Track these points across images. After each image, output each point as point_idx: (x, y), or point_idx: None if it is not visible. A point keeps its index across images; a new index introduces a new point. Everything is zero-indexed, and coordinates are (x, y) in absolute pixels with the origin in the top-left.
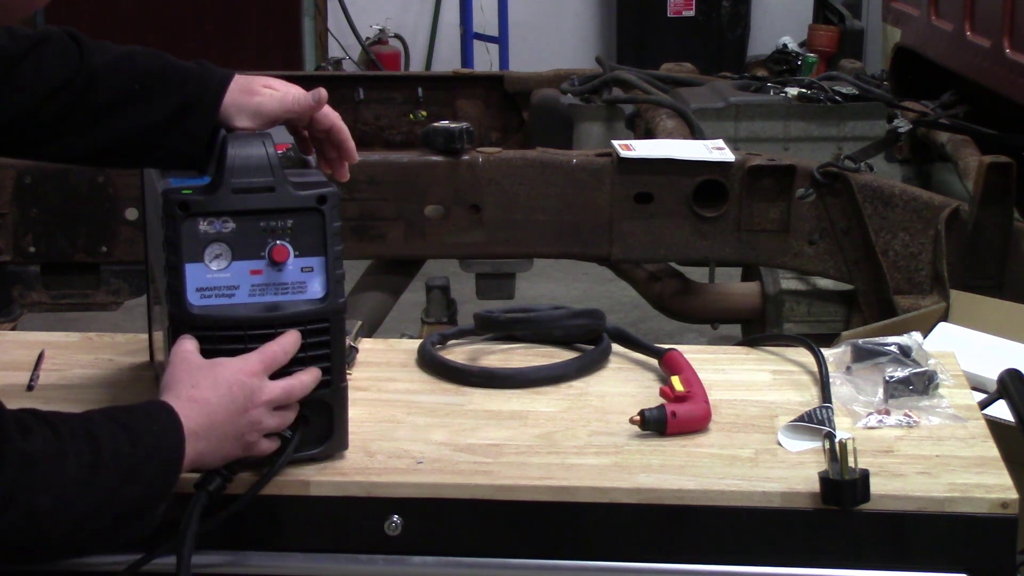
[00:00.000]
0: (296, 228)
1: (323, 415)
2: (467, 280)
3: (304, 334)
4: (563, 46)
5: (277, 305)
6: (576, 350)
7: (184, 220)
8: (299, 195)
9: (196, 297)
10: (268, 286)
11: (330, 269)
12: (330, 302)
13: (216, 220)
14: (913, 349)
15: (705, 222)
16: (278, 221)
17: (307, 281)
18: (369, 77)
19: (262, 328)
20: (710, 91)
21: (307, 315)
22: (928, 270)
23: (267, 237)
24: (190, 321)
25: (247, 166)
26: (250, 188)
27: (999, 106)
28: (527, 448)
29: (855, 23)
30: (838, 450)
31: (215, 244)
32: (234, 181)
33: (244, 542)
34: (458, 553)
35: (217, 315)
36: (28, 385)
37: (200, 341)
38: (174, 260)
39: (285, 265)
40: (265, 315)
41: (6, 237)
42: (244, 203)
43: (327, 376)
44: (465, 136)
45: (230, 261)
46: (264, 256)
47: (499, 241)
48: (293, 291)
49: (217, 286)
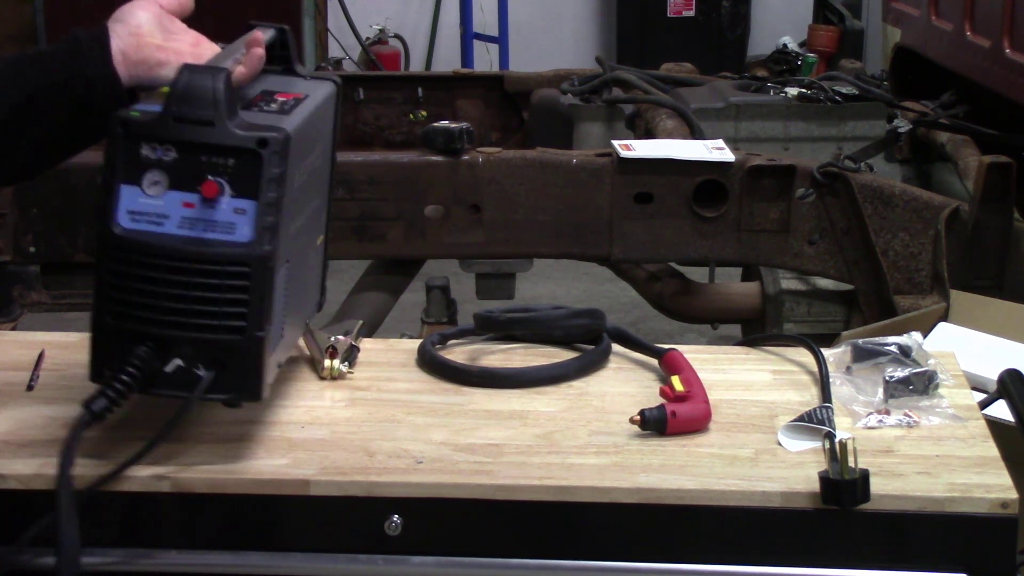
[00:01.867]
0: (236, 168)
1: (238, 361)
2: (467, 280)
3: (222, 275)
4: (563, 46)
5: (202, 241)
6: (576, 350)
7: (124, 139)
8: (238, 134)
9: (127, 219)
10: (198, 221)
11: (260, 215)
12: (254, 248)
13: (159, 147)
14: (913, 349)
15: (705, 222)
16: (219, 159)
17: (237, 223)
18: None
19: (181, 260)
20: (710, 91)
21: (228, 256)
22: (928, 270)
23: (205, 172)
24: (114, 241)
25: (191, 97)
26: (190, 119)
27: (999, 106)
28: (527, 448)
29: (855, 23)
30: (838, 450)
31: (154, 171)
32: (175, 109)
33: (244, 542)
34: (458, 553)
35: (142, 240)
36: (28, 385)
37: (121, 263)
38: (110, 179)
39: (217, 202)
40: (186, 248)
41: (6, 237)
42: (183, 134)
43: (241, 322)
44: (465, 136)
45: (166, 190)
46: (198, 191)
47: (499, 241)
48: (221, 230)
49: (148, 212)
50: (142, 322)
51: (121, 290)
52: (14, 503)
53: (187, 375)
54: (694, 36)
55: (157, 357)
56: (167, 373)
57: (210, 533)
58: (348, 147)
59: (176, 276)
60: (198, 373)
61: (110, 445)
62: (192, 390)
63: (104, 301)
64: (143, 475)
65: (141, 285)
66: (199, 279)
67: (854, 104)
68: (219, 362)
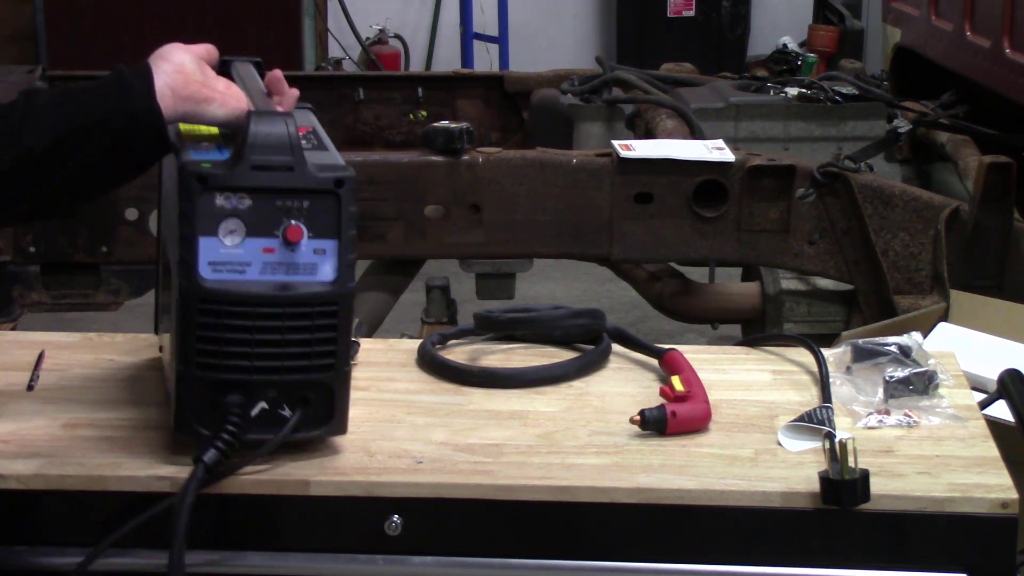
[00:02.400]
0: (312, 210)
1: (324, 397)
2: (467, 280)
3: (312, 316)
4: (563, 46)
5: (288, 285)
6: (576, 350)
7: (201, 193)
8: (317, 176)
9: (208, 271)
10: (280, 265)
11: (342, 253)
12: (340, 286)
13: (233, 196)
14: (913, 349)
15: (705, 222)
16: (294, 201)
17: (318, 263)
18: (369, 77)
19: (271, 306)
20: (710, 91)
21: (316, 297)
22: (928, 270)
23: (282, 216)
24: (201, 294)
25: (268, 144)
26: (269, 166)
27: (999, 106)
28: (527, 448)
29: (855, 23)
30: (838, 450)
31: (230, 219)
32: (254, 158)
33: (244, 542)
34: (458, 553)
35: (228, 290)
36: (28, 385)
37: (208, 315)
38: (188, 232)
39: (298, 246)
40: (274, 293)
41: (6, 237)
42: (262, 180)
43: (331, 359)
44: (465, 136)
45: (244, 237)
46: (278, 235)
47: (499, 241)
48: (304, 272)
49: (229, 261)
50: (233, 370)
51: (210, 341)
52: (14, 503)
53: (273, 416)
54: (694, 36)
55: (248, 403)
56: (253, 417)
57: (210, 533)
58: (348, 147)
59: (267, 322)
60: (283, 414)
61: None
62: (278, 430)
63: (190, 353)
64: (143, 475)
65: (231, 335)
66: (291, 322)
67: (854, 104)
68: (304, 400)
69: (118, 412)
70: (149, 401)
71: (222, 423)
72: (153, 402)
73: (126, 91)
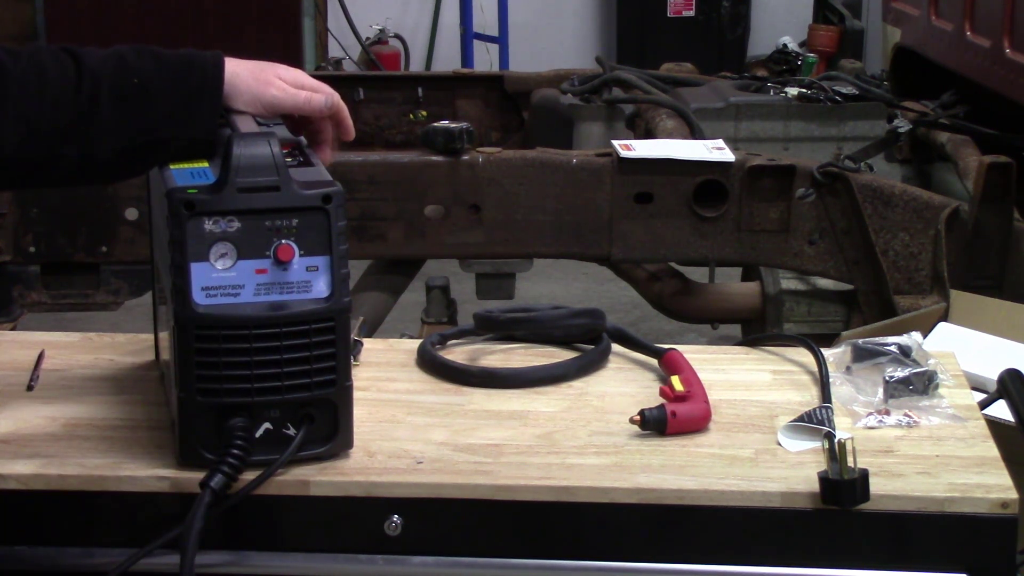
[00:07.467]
0: (301, 227)
1: (328, 414)
2: (467, 280)
3: (309, 333)
4: (563, 46)
5: (282, 304)
6: (576, 350)
7: (189, 219)
8: (304, 194)
9: (201, 296)
10: (273, 285)
11: (335, 268)
12: (335, 301)
13: (221, 219)
14: (913, 349)
15: (705, 222)
16: (283, 220)
17: (312, 280)
18: (369, 77)
19: (267, 327)
20: (710, 91)
21: (312, 314)
22: (928, 270)
23: (272, 236)
24: (196, 320)
25: (252, 165)
26: (255, 187)
27: (999, 106)
28: (527, 448)
29: (855, 23)
30: (838, 450)
31: (220, 243)
32: (239, 180)
33: (244, 542)
34: (458, 553)
35: (222, 314)
36: (28, 385)
37: (205, 340)
38: (179, 259)
39: (290, 264)
40: (270, 314)
41: (6, 237)
42: (249, 202)
43: (331, 375)
44: (465, 136)
45: (235, 260)
46: (269, 255)
47: (499, 241)
48: (298, 290)
49: (222, 285)
50: (235, 394)
51: (209, 367)
52: (14, 503)
53: (278, 436)
54: (694, 36)
55: (252, 425)
56: (257, 438)
57: (210, 533)
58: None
59: (265, 343)
60: (288, 433)
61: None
62: (284, 449)
63: (190, 380)
64: (143, 475)
65: (230, 358)
66: (288, 342)
67: (854, 104)
68: (309, 417)
69: (118, 412)
70: (149, 401)
71: (227, 447)
72: (153, 402)
73: (192, 115)
